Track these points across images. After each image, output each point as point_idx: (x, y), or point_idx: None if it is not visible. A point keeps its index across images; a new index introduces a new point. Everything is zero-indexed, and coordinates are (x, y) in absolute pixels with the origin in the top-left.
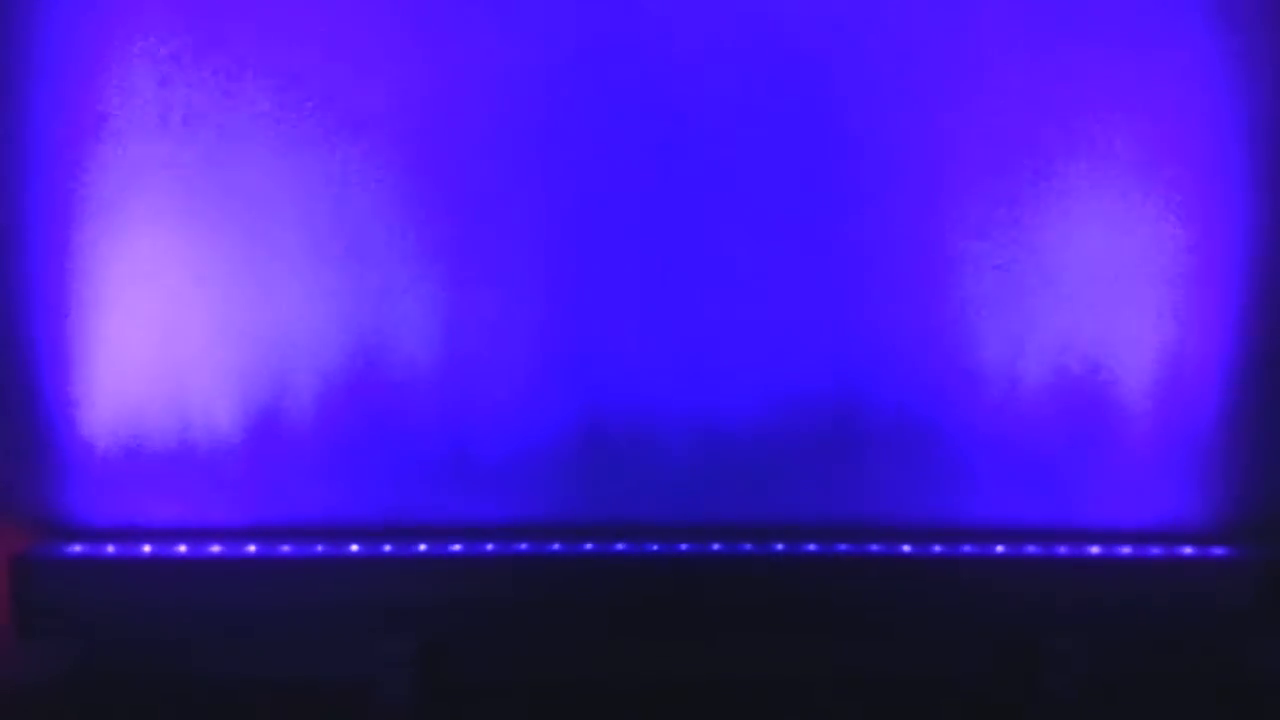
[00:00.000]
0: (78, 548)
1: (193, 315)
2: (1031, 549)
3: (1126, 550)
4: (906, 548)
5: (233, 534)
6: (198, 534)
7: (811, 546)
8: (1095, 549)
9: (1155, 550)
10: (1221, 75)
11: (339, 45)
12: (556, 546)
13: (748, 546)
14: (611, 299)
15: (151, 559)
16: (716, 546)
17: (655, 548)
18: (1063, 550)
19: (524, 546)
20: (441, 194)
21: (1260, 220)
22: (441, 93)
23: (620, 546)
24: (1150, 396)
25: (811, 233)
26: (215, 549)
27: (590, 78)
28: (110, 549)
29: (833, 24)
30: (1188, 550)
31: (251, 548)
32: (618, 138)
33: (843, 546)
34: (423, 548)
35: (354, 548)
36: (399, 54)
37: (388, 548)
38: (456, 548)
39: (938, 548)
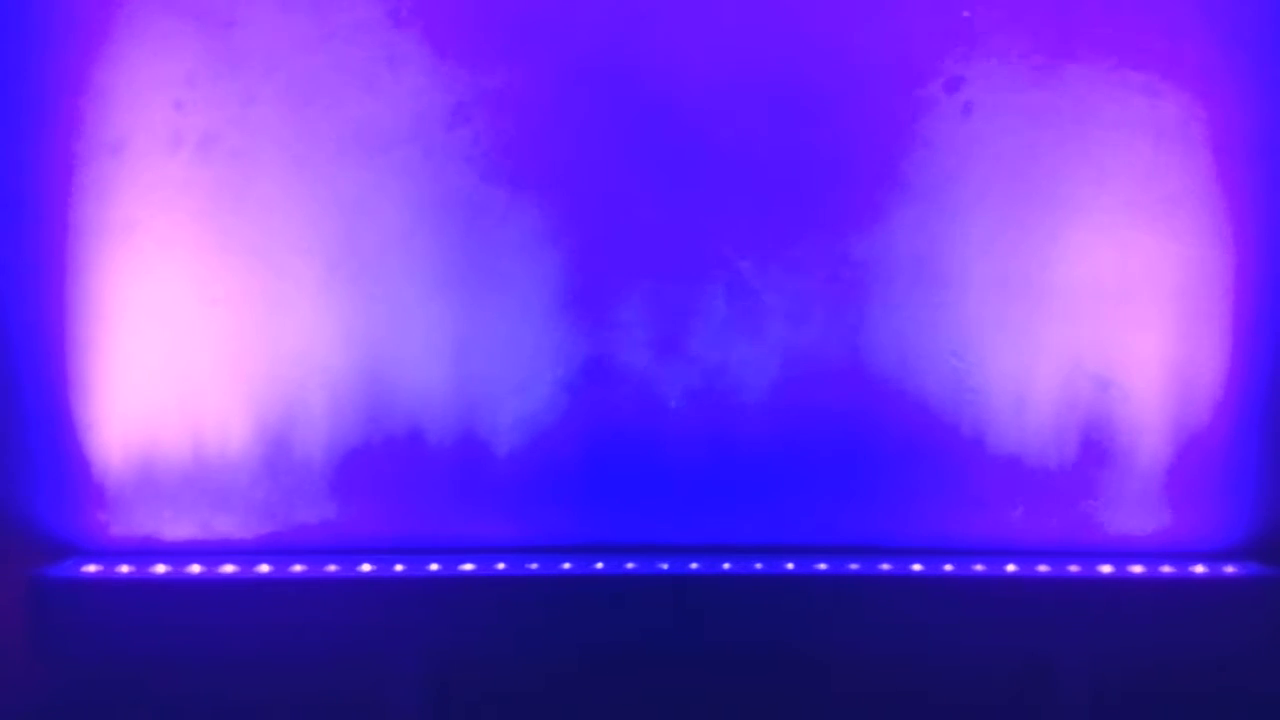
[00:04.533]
0: (91, 567)
1: (206, 335)
2: (1043, 568)
3: (1138, 569)
4: (917, 567)
5: (245, 553)
6: (210, 553)
7: (822, 566)
8: (1107, 568)
9: (1167, 569)
10: (1229, 89)
11: (352, 67)
12: (568, 566)
13: (759, 566)
14: (623, 318)
15: (164, 579)
16: (727, 566)
17: (666, 567)
18: (1074, 569)
19: (536, 566)
20: (453, 214)
21: (1272, 235)
22: (453, 113)
23: (631, 566)
24: (1161, 414)
25: (818, 251)
26: (228, 568)
27: (604, 96)
28: (123, 569)
29: (840, 42)
30: (1200, 569)
31: (264, 567)
32: (631, 156)
33: (854, 566)
34: (434, 567)
35: (366, 567)
36: (411, 75)
37: (399, 567)
38: (468, 567)
39: (949, 567)
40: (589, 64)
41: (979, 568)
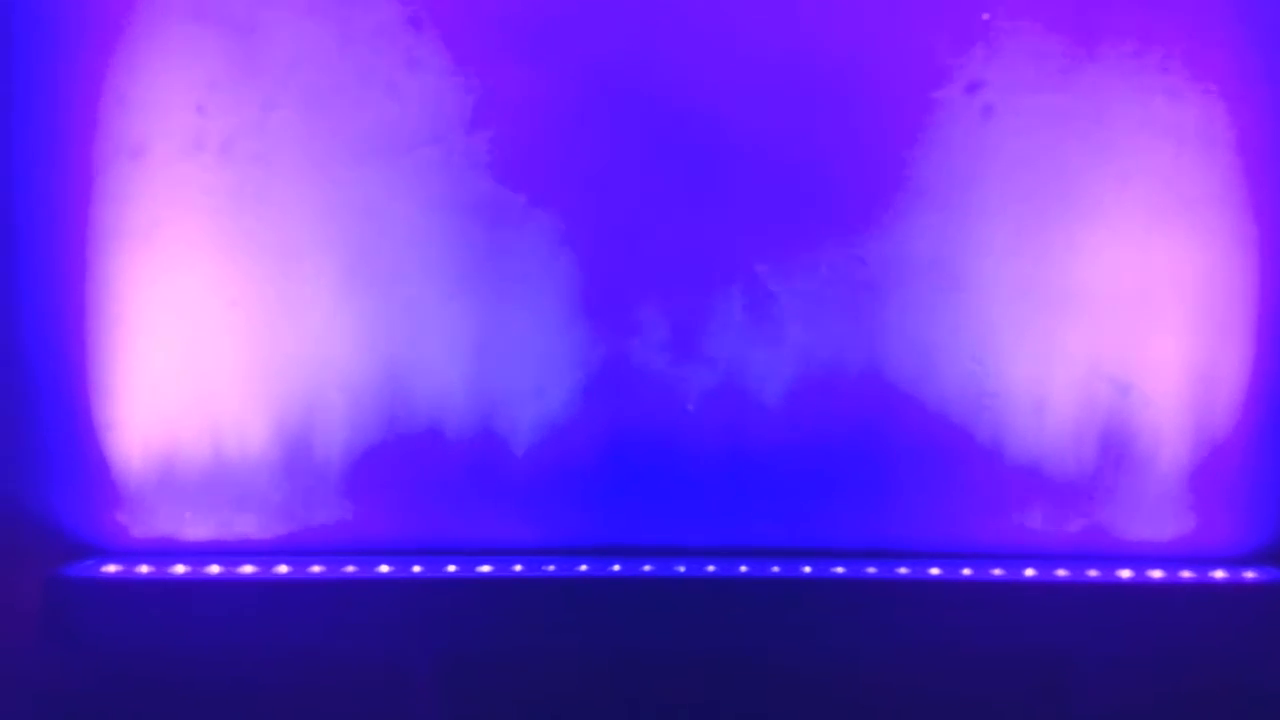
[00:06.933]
0: (111, 567)
1: (225, 337)
2: (1061, 572)
3: (1158, 574)
4: (935, 570)
5: (264, 554)
6: (229, 554)
7: (840, 569)
8: (1126, 573)
9: (1187, 574)
10: (1251, 91)
11: (371, 71)
12: (585, 568)
13: (776, 569)
14: (640, 321)
15: (184, 579)
16: (744, 569)
17: (683, 569)
18: (1093, 574)
19: (553, 568)
20: (472, 217)
21: None
22: (472, 116)
23: (648, 568)
24: (1181, 418)
25: (836, 254)
26: (247, 569)
27: (622, 99)
28: (143, 569)
29: (859, 45)
30: (1220, 574)
31: (283, 568)
32: (648, 160)
33: (871, 569)
34: (452, 569)
35: (383, 568)
36: (430, 79)
37: (417, 568)
38: (486, 569)
39: (967, 571)
40: (606, 68)
41: (998, 572)
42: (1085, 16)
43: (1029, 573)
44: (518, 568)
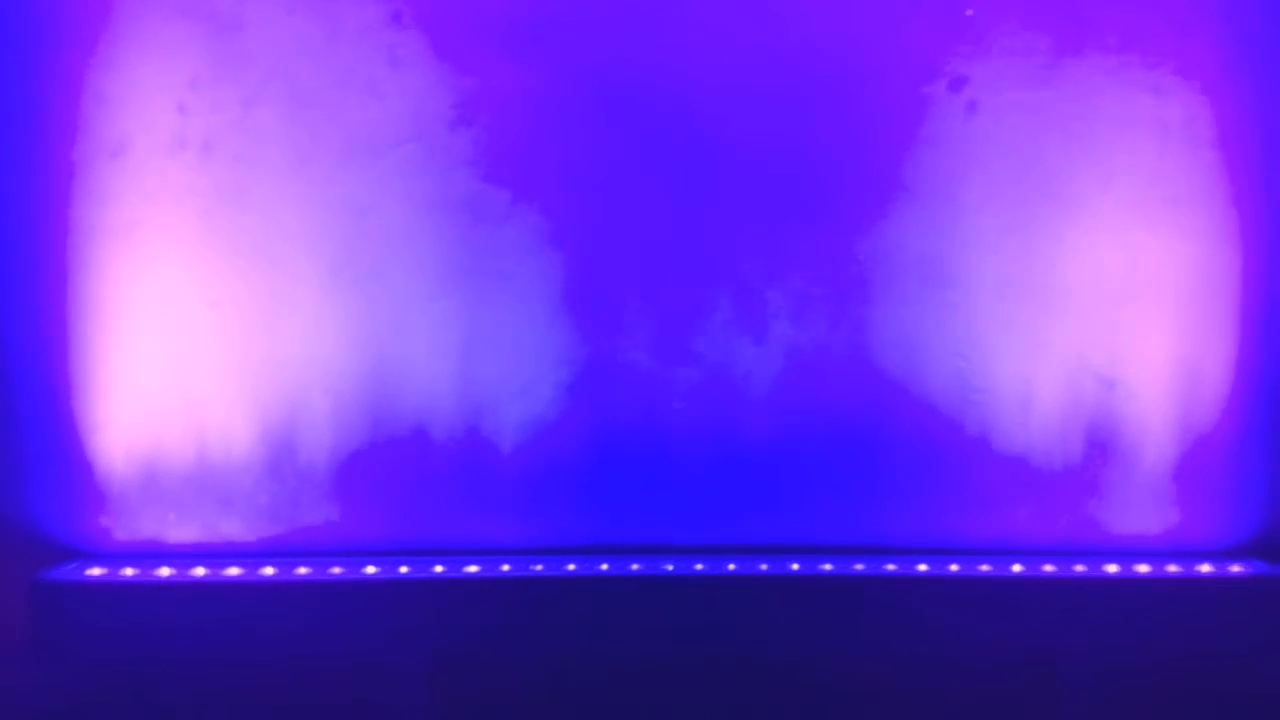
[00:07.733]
0: (95, 570)
1: (209, 338)
2: (1048, 568)
3: (1144, 568)
4: (923, 567)
5: (249, 556)
6: (215, 556)
7: (828, 566)
8: (1112, 567)
9: (1173, 568)
10: (1235, 87)
11: (354, 69)
12: (573, 567)
13: (764, 567)
14: (628, 320)
15: (169, 582)
16: (732, 567)
17: (671, 568)
18: (1080, 569)
19: (540, 568)
20: (456, 215)
21: (1277, 234)
22: (455, 114)
23: (636, 567)
24: (1167, 413)
25: (822, 251)
26: (232, 571)
27: (605, 96)
28: (128, 571)
29: (844, 42)
30: (1206, 568)
31: (268, 570)
32: (633, 156)
33: (859, 566)
34: (439, 569)
35: (370, 569)
36: (413, 76)
37: (404, 569)
38: (473, 569)
39: (955, 567)
40: (590, 64)
41: (985, 568)
42: (1069, 13)
43: (1016, 568)
44: (505, 567)
